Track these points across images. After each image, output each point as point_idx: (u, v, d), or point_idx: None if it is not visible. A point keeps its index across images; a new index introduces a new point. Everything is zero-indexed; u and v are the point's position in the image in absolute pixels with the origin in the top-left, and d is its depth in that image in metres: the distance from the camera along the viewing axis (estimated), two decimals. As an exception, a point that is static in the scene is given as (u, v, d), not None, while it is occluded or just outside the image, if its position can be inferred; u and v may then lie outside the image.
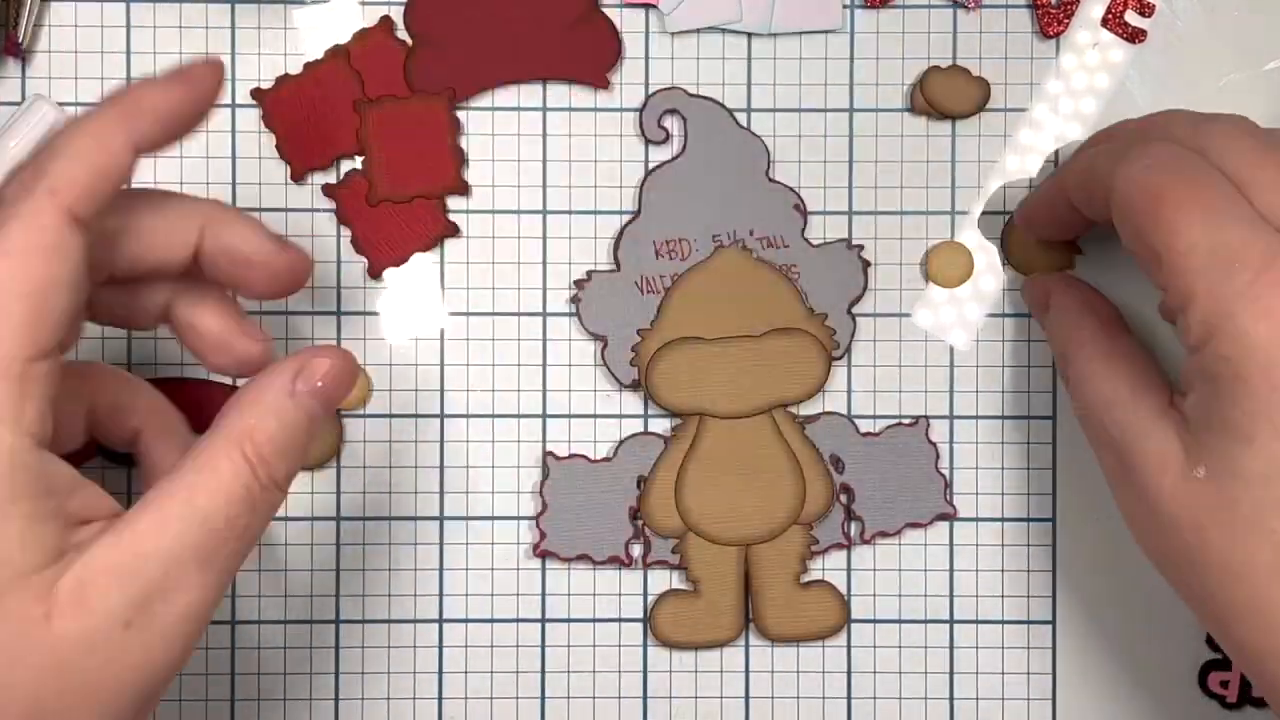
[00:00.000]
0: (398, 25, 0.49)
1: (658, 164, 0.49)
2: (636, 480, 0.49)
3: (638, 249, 0.49)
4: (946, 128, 0.50)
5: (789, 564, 0.48)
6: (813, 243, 0.49)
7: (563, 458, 0.49)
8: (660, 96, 0.49)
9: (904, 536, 0.49)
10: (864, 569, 0.49)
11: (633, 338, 0.49)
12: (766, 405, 0.48)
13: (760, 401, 0.48)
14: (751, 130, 0.49)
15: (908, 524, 0.49)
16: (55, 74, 0.49)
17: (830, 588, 0.49)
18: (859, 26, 0.49)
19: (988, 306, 0.50)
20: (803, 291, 0.49)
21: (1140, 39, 0.49)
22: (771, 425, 0.48)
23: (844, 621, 0.49)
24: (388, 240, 0.49)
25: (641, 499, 0.49)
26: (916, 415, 0.49)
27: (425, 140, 0.49)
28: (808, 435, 0.49)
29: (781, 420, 0.49)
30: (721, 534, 0.48)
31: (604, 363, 0.49)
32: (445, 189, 0.49)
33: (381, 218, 0.49)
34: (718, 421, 0.48)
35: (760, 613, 0.49)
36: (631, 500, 0.49)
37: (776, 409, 0.49)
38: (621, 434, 0.49)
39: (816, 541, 0.49)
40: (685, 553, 0.48)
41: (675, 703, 0.49)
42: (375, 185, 0.49)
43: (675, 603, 0.49)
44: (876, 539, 0.49)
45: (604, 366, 0.49)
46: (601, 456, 0.49)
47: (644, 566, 0.49)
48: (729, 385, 0.48)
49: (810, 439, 0.49)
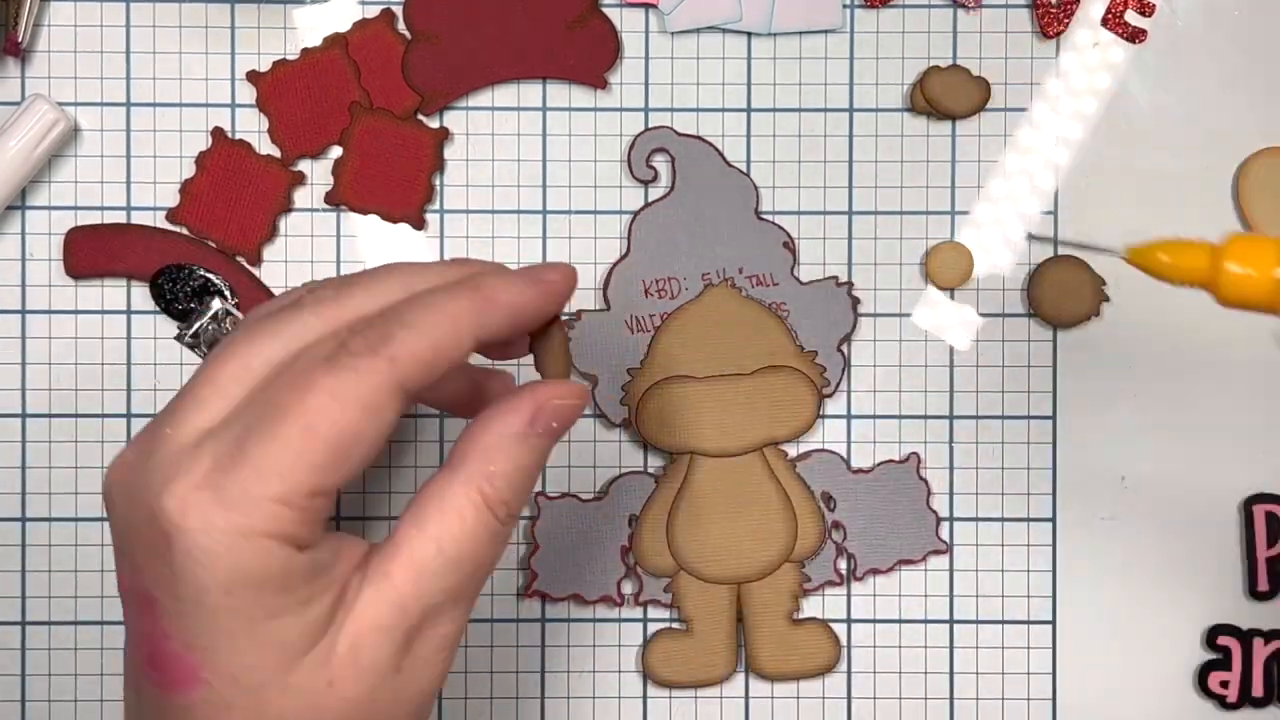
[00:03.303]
0: (398, 19, 0.49)
1: (646, 203, 0.49)
2: (628, 519, 0.49)
3: (627, 288, 0.49)
4: (946, 128, 0.49)
5: (781, 602, 0.48)
6: (802, 280, 0.49)
7: (554, 497, 0.49)
8: (648, 135, 0.49)
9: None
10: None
11: (623, 376, 0.48)
12: (757, 443, 0.48)
13: (751, 439, 0.48)
14: (740, 169, 0.49)
15: (900, 560, 0.49)
16: (55, 74, 0.49)
17: (823, 625, 0.49)
18: (859, 26, 0.49)
19: (987, 306, 0.50)
20: (792, 329, 0.49)
21: (1140, 39, 0.49)
22: (762, 463, 0.48)
23: (837, 659, 0.49)
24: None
25: (633, 538, 0.48)
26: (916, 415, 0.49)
27: (403, 165, 0.49)
28: (799, 473, 0.49)
29: (772, 458, 0.48)
30: (713, 573, 0.48)
31: (594, 402, 0.49)
32: (404, 216, 0.49)
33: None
34: (708, 460, 0.48)
35: (753, 651, 0.48)
36: (623, 539, 0.49)
37: (767, 446, 0.48)
38: (614, 472, 0.49)
39: (809, 579, 0.49)
40: (677, 591, 0.48)
41: (674, 703, 0.49)
42: (338, 186, 0.49)
43: (668, 642, 0.48)
44: (869, 576, 0.49)
45: (594, 405, 0.49)
46: (592, 496, 0.49)
47: (636, 604, 0.49)
48: (719, 423, 0.48)
49: (801, 476, 0.49)
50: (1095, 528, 0.49)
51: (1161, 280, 0.37)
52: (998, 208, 0.50)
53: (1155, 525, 0.50)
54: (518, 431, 0.36)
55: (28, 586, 0.49)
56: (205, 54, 0.49)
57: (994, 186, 0.50)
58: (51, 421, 0.49)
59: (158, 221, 0.49)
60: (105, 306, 0.49)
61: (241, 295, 0.48)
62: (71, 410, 0.49)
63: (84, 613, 0.49)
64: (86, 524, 0.49)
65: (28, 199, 0.49)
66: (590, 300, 0.49)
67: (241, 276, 0.49)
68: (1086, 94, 0.50)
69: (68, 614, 0.49)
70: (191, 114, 0.49)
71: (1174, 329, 0.50)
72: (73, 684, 0.49)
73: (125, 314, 0.49)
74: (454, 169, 0.49)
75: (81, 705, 0.49)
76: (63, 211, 0.49)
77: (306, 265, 0.49)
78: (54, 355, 0.49)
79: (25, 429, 0.49)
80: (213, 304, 0.47)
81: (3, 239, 0.49)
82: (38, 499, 0.49)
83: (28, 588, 0.49)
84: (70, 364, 0.49)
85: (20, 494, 0.49)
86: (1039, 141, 0.50)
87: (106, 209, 0.49)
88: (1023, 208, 0.50)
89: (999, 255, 0.50)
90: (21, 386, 0.49)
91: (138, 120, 0.49)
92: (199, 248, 0.49)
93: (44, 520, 0.49)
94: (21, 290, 0.49)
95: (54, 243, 0.49)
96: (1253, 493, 0.49)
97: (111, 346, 0.49)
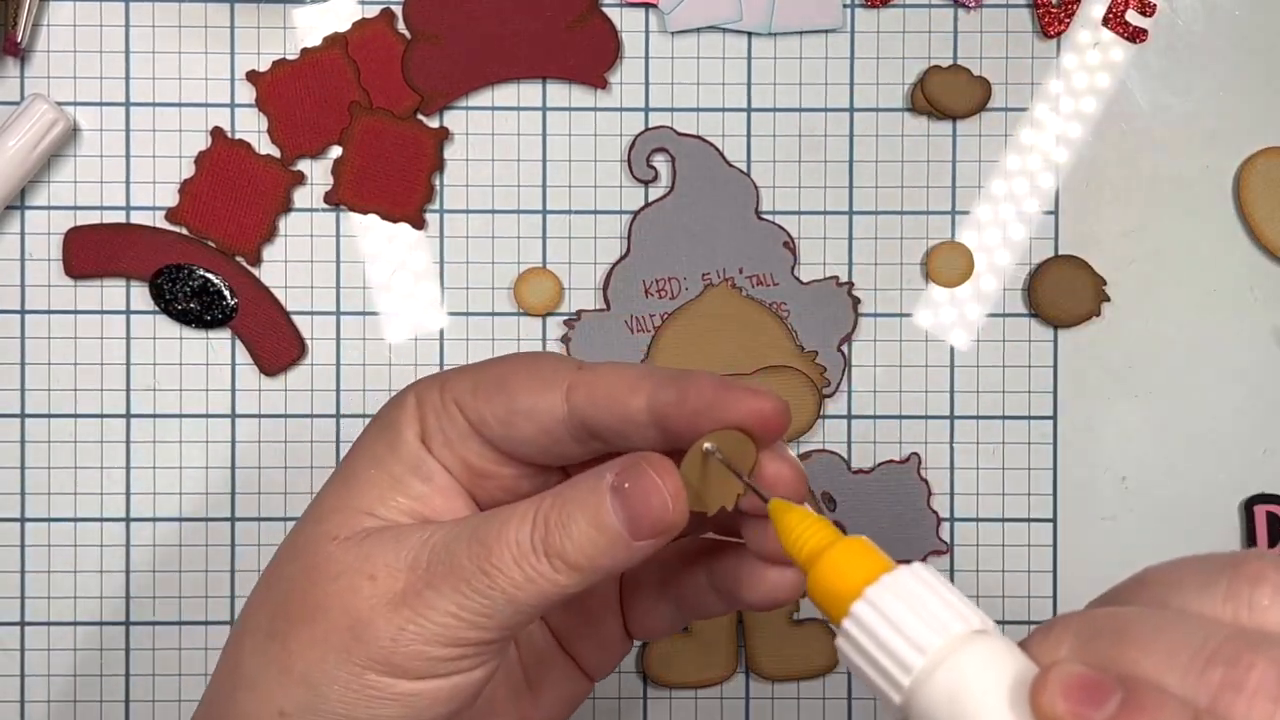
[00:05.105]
0: (398, 18, 0.49)
1: (646, 203, 0.49)
2: None
3: (627, 288, 0.49)
4: (947, 127, 0.49)
5: None
6: (802, 280, 0.49)
7: None
8: (648, 135, 0.49)
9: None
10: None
11: None
12: None
13: None
14: (740, 169, 0.49)
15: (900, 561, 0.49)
16: (54, 74, 0.49)
17: (823, 626, 0.49)
18: (859, 26, 0.49)
19: (988, 306, 0.50)
20: (793, 329, 0.49)
21: (1141, 38, 0.49)
22: None
23: (837, 661, 0.49)
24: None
25: None
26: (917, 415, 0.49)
27: (403, 165, 0.49)
28: None
29: None
30: None
31: None
32: (404, 216, 0.49)
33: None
34: None
35: (753, 651, 0.48)
36: None
37: None
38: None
39: None
40: None
41: (674, 703, 0.49)
42: (338, 186, 0.49)
43: (667, 642, 0.48)
44: None
45: None
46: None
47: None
48: None
49: None
50: (1095, 528, 0.49)
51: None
52: (998, 208, 0.50)
53: (1155, 525, 0.50)
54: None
55: (27, 587, 0.49)
56: (205, 54, 0.49)
57: (994, 186, 0.50)
58: (51, 421, 0.49)
59: (157, 221, 0.49)
60: (105, 306, 0.49)
61: (241, 295, 0.48)
62: (71, 410, 0.49)
63: (83, 613, 0.49)
64: (86, 524, 0.49)
65: (27, 199, 0.49)
66: (590, 300, 0.49)
67: (241, 276, 0.48)
68: (1087, 94, 0.50)
69: (67, 614, 0.49)
70: (191, 114, 0.49)
71: (1174, 329, 0.50)
72: (72, 684, 0.49)
73: (125, 314, 0.49)
74: (454, 169, 0.49)
75: (81, 705, 0.49)
76: (62, 211, 0.49)
77: (306, 265, 0.49)
78: (53, 355, 0.49)
79: (25, 429, 0.49)
80: None
81: (2, 239, 0.49)
82: (37, 499, 0.49)
83: (27, 588, 0.49)
84: (70, 364, 0.49)
85: (20, 494, 0.49)
86: (1039, 141, 0.50)
87: (106, 209, 0.49)
88: (1023, 208, 0.50)
89: (999, 255, 0.50)
90: (21, 386, 0.49)
91: (137, 120, 0.49)
92: (199, 248, 0.49)
93: (43, 520, 0.49)
94: (21, 290, 0.49)
95: (53, 243, 0.49)
96: (1253, 493, 0.49)
97: (111, 346, 0.49)
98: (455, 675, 0.32)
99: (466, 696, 0.33)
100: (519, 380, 0.34)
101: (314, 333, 0.49)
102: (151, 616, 0.49)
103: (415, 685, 0.32)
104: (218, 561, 0.49)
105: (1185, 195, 0.49)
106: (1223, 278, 0.50)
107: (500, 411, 0.34)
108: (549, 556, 0.31)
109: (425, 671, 0.32)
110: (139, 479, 0.49)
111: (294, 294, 0.49)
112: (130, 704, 0.49)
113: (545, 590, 0.32)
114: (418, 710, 0.32)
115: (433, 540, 0.32)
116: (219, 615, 0.49)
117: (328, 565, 0.33)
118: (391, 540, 0.33)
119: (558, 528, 0.32)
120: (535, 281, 0.49)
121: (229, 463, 0.49)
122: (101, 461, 0.49)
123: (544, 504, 0.32)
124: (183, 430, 0.49)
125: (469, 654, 0.32)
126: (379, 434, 0.35)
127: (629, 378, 0.33)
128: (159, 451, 0.49)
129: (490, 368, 0.35)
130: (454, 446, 0.34)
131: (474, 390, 0.34)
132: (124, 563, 0.49)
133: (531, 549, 0.32)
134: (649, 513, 0.31)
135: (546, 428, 0.33)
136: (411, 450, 0.34)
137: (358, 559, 0.32)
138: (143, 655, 0.49)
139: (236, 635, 0.34)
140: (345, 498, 0.34)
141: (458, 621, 0.32)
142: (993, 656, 0.26)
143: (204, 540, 0.49)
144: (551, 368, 0.34)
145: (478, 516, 0.33)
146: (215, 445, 0.49)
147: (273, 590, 0.34)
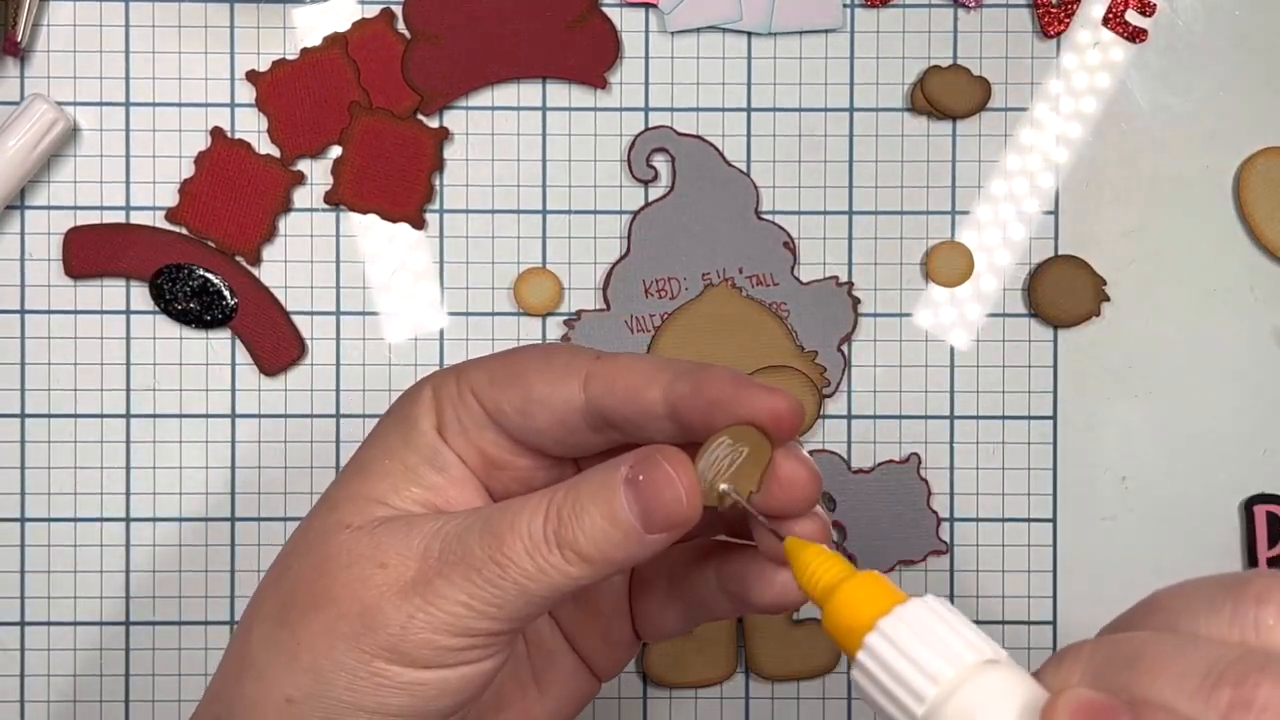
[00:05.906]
0: (398, 18, 0.49)
1: (646, 203, 0.49)
2: None
3: (627, 288, 0.49)
4: (947, 127, 0.49)
5: None
6: (802, 280, 0.49)
7: None
8: (648, 135, 0.49)
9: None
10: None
11: None
12: None
13: None
14: (740, 169, 0.49)
15: (900, 561, 0.49)
16: (54, 74, 0.49)
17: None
18: (859, 26, 0.49)
19: (988, 306, 0.50)
20: (792, 329, 0.49)
21: (1141, 38, 0.49)
22: None
23: (837, 659, 0.49)
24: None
25: None
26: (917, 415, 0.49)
27: (402, 165, 0.48)
28: None
29: None
30: None
31: None
32: (404, 216, 0.49)
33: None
34: None
35: (753, 651, 0.48)
36: None
37: None
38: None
39: None
40: None
41: (674, 703, 0.49)
42: (338, 186, 0.49)
43: (667, 642, 0.48)
44: None
45: None
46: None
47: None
48: None
49: None
50: (1095, 528, 0.49)
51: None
52: (998, 208, 0.50)
53: (1155, 525, 0.50)
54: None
55: (27, 587, 0.49)
56: (204, 54, 0.49)
57: (994, 186, 0.50)
58: (51, 421, 0.49)
59: (157, 221, 0.49)
60: (104, 306, 0.49)
61: (241, 295, 0.48)
62: (71, 410, 0.49)
63: (83, 613, 0.49)
64: (85, 524, 0.49)
65: (27, 199, 0.49)
66: (590, 300, 0.49)
67: (241, 276, 0.48)
68: (1087, 94, 0.50)
69: (67, 614, 0.49)
70: (191, 114, 0.49)
71: (1174, 329, 0.50)
72: (72, 685, 0.49)
73: (124, 314, 0.49)
74: (454, 169, 0.49)
75: (81, 705, 0.49)
76: (62, 211, 0.49)
77: (306, 265, 0.49)
78: (53, 355, 0.49)
79: (25, 429, 0.49)
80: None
81: (2, 239, 0.49)
82: (37, 499, 0.49)
83: (27, 588, 0.49)
84: (69, 364, 0.49)
85: (20, 494, 0.49)
86: (1039, 141, 0.50)
87: (106, 209, 0.49)
88: (1023, 208, 0.50)
89: (999, 255, 0.50)
90: (21, 386, 0.49)
91: (137, 120, 0.49)
92: (198, 248, 0.49)
93: (43, 520, 0.49)
94: (21, 290, 0.49)
95: (53, 243, 0.49)
96: (1253, 493, 0.49)
97: (111, 346, 0.49)
98: (463, 666, 0.32)
99: (474, 688, 0.33)
100: (536, 370, 0.34)
101: (314, 333, 0.49)
102: (151, 616, 0.49)
103: (423, 674, 0.32)
104: (218, 561, 0.49)
105: (1185, 195, 0.49)
106: (1223, 278, 0.50)
107: (517, 400, 0.34)
108: (561, 548, 0.32)
109: (434, 661, 0.32)
110: (139, 479, 0.49)
111: (294, 294, 0.49)
112: (130, 704, 0.49)
113: (557, 582, 0.32)
114: (425, 700, 0.32)
115: (445, 530, 0.32)
116: (219, 615, 0.49)
117: (340, 554, 0.33)
118: (404, 529, 0.33)
119: (571, 519, 0.32)
120: (535, 281, 0.49)
121: (229, 463, 0.49)
122: (101, 461, 0.49)
123: (557, 495, 0.32)
124: (183, 430, 0.49)
125: (478, 644, 0.32)
126: (394, 425, 0.35)
127: (646, 369, 0.33)
128: (159, 451, 0.49)
129: (507, 358, 0.35)
130: (470, 436, 0.34)
131: (491, 380, 0.34)
132: (124, 563, 0.49)
133: (544, 540, 0.32)
134: (662, 506, 0.31)
135: (563, 417, 0.33)
136: (427, 441, 0.34)
137: (370, 547, 0.32)
138: (143, 655, 0.49)
139: (245, 624, 0.34)
140: (359, 487, 0.34)
141: (468, 611, 0.32)
142: (1005, 685, 0.26)
143: (204, 540, 0.49)
144: (569, 358, 0.34)
145: (491, 507, 0.33)
146: (215, 445, 0.49)
147: (283, 579, 0.34)
